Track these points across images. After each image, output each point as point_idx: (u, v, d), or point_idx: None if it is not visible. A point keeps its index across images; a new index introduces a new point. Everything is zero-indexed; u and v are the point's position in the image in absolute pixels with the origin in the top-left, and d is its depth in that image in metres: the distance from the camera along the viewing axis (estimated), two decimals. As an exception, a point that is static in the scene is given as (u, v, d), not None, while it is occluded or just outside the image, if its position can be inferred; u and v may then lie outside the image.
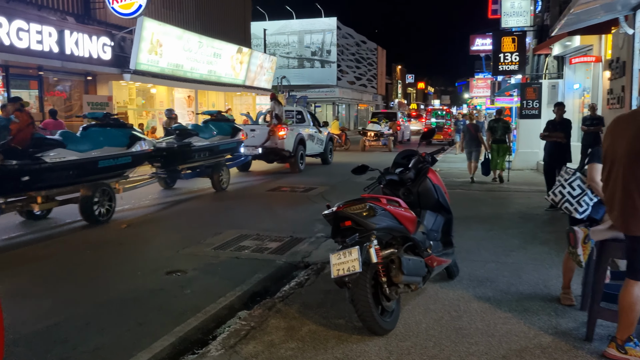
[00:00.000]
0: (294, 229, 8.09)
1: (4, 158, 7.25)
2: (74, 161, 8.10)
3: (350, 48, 51.30)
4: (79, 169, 8.24)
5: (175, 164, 11.17)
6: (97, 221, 8.44)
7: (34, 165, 7.51)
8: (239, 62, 25.12)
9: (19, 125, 7.55)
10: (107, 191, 8.70)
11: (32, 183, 7.62)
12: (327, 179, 14.25)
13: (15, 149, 7.37)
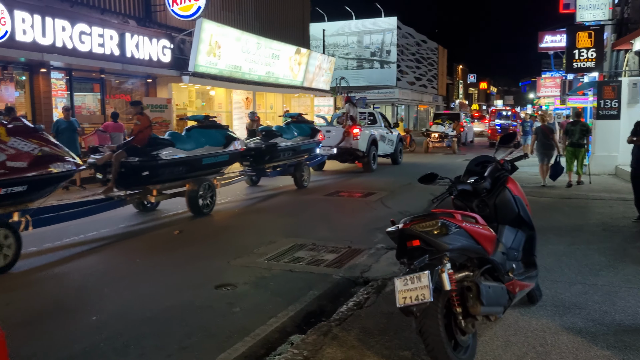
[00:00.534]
0: (352, 238, 7.57)
1: (127, 155, 8.31)
2: (183, 158, 9.13)
3: (411, 48, 50.23)
4: (187, 166, 9.25)
5: (262, 162, 12.03)
6: (202, 213, 9.26)
7: (152, 162, 8.55)
8: (297, 63, 24.83)
9: (140, 126, 8.66)
10: (210, 186, 9.55)
11: (150, 177, 8.63)
12: (396, 179, 14.18)
13: (135, 147, 8.49)
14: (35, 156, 6.46)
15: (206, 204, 9.42)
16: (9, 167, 6.14)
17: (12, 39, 12.17)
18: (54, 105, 14.23)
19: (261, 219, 9.29)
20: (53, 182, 6.83)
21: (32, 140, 6.56)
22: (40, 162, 6.50)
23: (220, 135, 10.11)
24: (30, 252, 6.87)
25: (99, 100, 16.45)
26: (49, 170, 6.61)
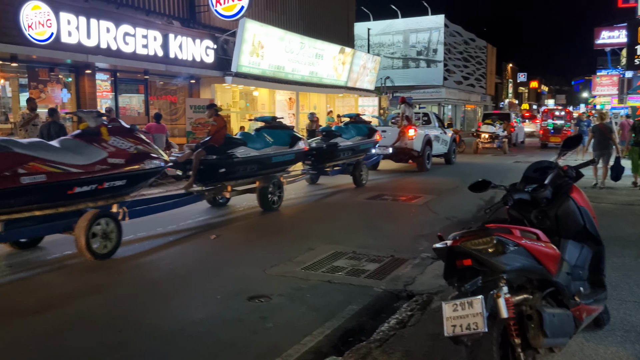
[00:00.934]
0: (395, 246, 7.14)
1: (206, 154, 8.96)
2: (256, 157, 9.67)
3: (458, 46, 49.01)
4: (259, 164, 9.77)
5: (323, 162, 12.43)
6: (271, 208, 9.74)
7: (228, 159, 9.15)
8: (341, 63, 24.45)
9: (216, 127, 9.35)
10: (278, 183, 10.01)
11: (226, 174, 9.21)
12: (447, 181, 14.09)
13: (213, 146, 9.13)
14: (131, 154, 7.09)
15: (274, 200, 9.90)
16: (110, 163, 6.77)
17: (57, 40, 12.29)
18: (98, 106, 14.33)
19: (302, 223, 8.97)
20: (146, 177, 7.44)
21: (128, 139, 7.18)
22: (136, 159, 7.11)
23: (286, 135, 10.59)
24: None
25: (143, 102, 16.53)
26: (142, 166, 7.21)
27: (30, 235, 6.79)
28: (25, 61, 12.65)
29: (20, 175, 5.82)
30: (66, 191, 6.36)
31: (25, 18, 11.69)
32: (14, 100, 13.51)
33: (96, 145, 6.76)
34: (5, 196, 5.77)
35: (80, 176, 6.42)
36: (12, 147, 5.97)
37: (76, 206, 6.66)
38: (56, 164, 6.20)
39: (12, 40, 11.51)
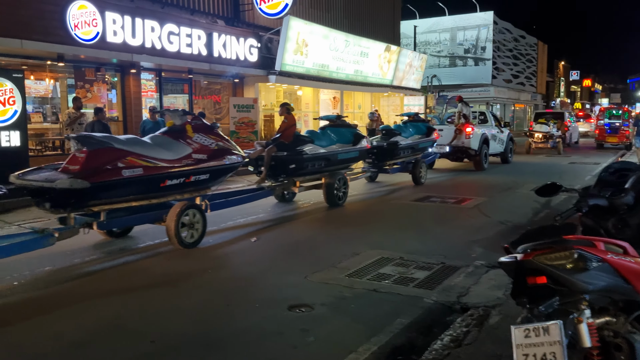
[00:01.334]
0: (446, 252, 6.68)
1: (277, 150, 9.33)
2: (324, 154, 9.99)
3: (508, 44, 47.60)
4: (326, 160, 10.08)
5: (384, 160, 12.56)
6: (336, 204, 9.98)
7: (298, 156, 9.46)
8: (387, 61, 23.94)
9: (287, 124, 9.73)
10: (343, 179, 10.27)
11: (296, 170, 9.53)
12: (502, 181, 13.76)
13: (283, 143, 9.49)
14: (212, 150, 7.48)
15: (339, 195, 10.12)
16: (194, 159, 7.17)
17: (103, 40, 12.32)
18: (143, 105, 14.36)
19: (347, 226, 8.59)
20: (226, 172, 7.82)
21: (210, 136, 7.60)
22: (217, 155, 7.50)
23: (349, 133, 10.87)
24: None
25: (187, 101, 16.51)
26: (223, 161, 7.58)
27: (127, 224, 7.30)
28: (72, 61, 12.75)
29: (121, 168, 6.27)
30: (159, 184, 6.80)
31: (71, 18, 11.76)
32: (63, 100, 13.67)
33: (182, 142, 7.21)
34: (109, 187, 6.24)
35: (170, 170, 6.84)
36: (112, 142, 6.46)
37: (166, 198, 7.12)
38: (149, 159, 6.65)
39: (58, 39, 11.60)
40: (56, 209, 6.15)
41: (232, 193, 9.00)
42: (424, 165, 13.48)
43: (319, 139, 10.16)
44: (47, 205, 6.08)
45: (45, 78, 13.14)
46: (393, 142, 12.45)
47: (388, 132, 12.89)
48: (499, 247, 6.98)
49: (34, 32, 11.11)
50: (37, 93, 13.27)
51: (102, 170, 6.13)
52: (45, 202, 6.07)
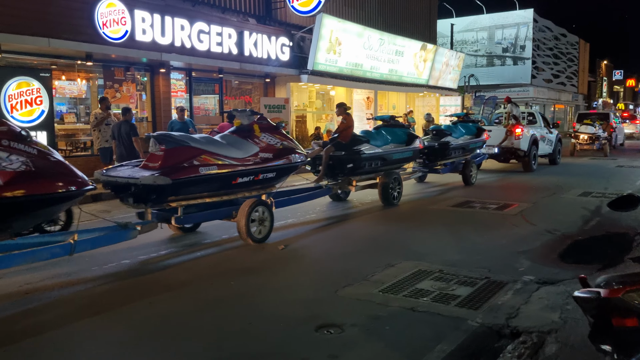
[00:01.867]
0: (490, 265, 6.09)
1: (335, 150, 9.50)
2: (380, 153, 10.09)
3: (548, 42, 46.07)
4: (382, 160, 10.15)
5: (435, 160, 12.58)
6: (392, 203, 10.09)
7: (355, 155, 9.57)
8: (423, 60, 23.23)
9: (345, 124, 9.82)
10: (398, 179, 10.37)
11: (354, 169, 9.65)
12: (551, 182, 13.47)
13: (340, 143, 9.65)
14: (278, 149, 7.68)
15: (394, 195, 10.22)
16: (261, 157, 7.40)
17: (132, 38, 12.08)
18: (173, 106, 14.10)
19: (381, 232, 8.07)
20: (290, 170, 8.00)
21: (275, 135, 7.80)
22: (282, 154, 7.70)
23: (403, 133, 11.00)
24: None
25: (218, 101, 16.21)
26: (287, 160, 7.76)
27: (201, 220, 7.60)
28: (101, 60, 12.56)
29: (198, 166, 6.54)
30: (231, 181, 7.05)
31: (100, 16, 11.54)
32: (93, 100, 13.51)
33: (250, 141, 7.45)
34: (188, 184, 6.49)
35: (241, 168, 7.08)
36: (188, 141, 6.73)
37: (235, 195, 7.37)
38: (222, 157, 6.91)
39: (87, 38, 11.39)
40: (138, 204, 6.42)
41: (294, 191, 9.16)
42: (474, 165, 13.45)
43: (374, 138, 10.26)
44: (130, 200, 6.36)
45: (77, 78, 12.99)
46: (444, 142, 12.48)
47: (439, 133, 12.90)
48: (547, 259, 6.40)
49: (62, 30, 10.92)
50: (71, 93, 13.15)
51: (181, 167, 6.40)
52: (128, 197, 6.35)
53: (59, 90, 12.90)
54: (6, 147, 4.91)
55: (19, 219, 5.13)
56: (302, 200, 8.94)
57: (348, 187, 9.99)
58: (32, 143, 5.19)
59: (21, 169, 4.91)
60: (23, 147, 5.05)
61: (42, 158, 5.17)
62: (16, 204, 4.88)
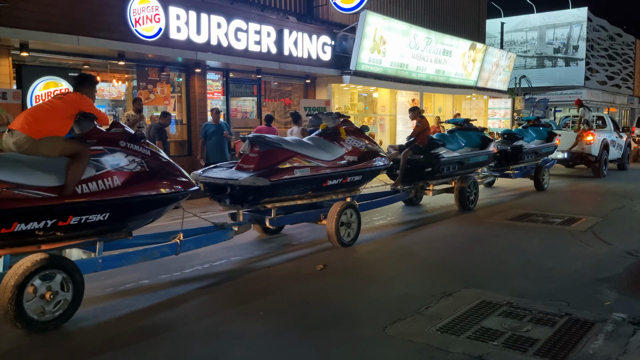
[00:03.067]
0: (567, 295, 5.10)
1: (413, 154, 9.41)
2: (458, 157, 10.02)
3: (602, 43, 43.82)
4: (459, 164, 10.11)
5: (507, 164, 12.38)
6: (468, 208, 9.94)
7: (434, 159, 9.52)
8: (472, 60, 22.01)
9: (421, 128, 9.69)
10: (474, 183, 10.23)
11: (432, 173, 9.56)
12: (622, 190, 12.95)
13: (418, 146, 9.55)
14: (363, 152, 7.66)
15: (471, 199, 10.08)
16: (347, 160, 7.41)
17: (165, 37, 11.46)
18: (208, 108, 13.45)
19: (436, 249, 7.14)
20: (375, 173, 8.00)
21: (360, 138, 7.78)
22: (367, 157, 7.69)
23: (477, 137, 10.89)
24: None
25: (256, 103, 15.53)
26: (373, 163, 7.75)
27: (291, 222, 7.45)
28: (134, 60, 11.98)
29: (292, 168, 6.62)
30: (322, 184, 7.10)
31: (132, 12, 10.98)
32: (128, 101, 13.01)
33: (336, 144, 7.45)
34: (284, 185, 6.54)
35: (330, 170, 7.11)
36: (282, 144, 6.78)
37: (324, 197, 7.41)
38: (312, 159, 6.95)
39: (119, 36, 10.82)
40: (234, 205, 6.51)
41: (374, 195, 9.08)
42: (546, 170, 13.23)
43: (449, 142, 10.18)
44: (227, 200, 6.44)
45: (111, 79, 12.50)
46: (517, 147, 12.29)
47: (510, 136, 12.66)
48: (636, 289, 5.35)
49: (92, 28, 10.37)
50: (110, 95, 12.69)
51: (276, 169, 6.47)
52: (225, 197, 6.41)
53: (97, 93, 12.43)
54: (123, 148, 5.01)
55: (135, 219, 5.18)
56: (382, 204, 8.93)
57: (424, 191, 9.91)
58: (146, 144, 5.25)
59: (137, 170, 5.01)
60: (138, 148, 5.13)
61: (155, 159, 5.24)
62: (134, 204, 4.96)
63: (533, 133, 13.42)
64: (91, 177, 4.64)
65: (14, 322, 4.09)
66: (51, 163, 4.51)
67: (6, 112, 9.00)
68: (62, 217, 4.43)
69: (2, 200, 4.10)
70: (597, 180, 15.22)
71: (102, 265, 4.91)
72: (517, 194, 12.50)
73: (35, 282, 4.18)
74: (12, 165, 4.32)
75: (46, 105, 4.74)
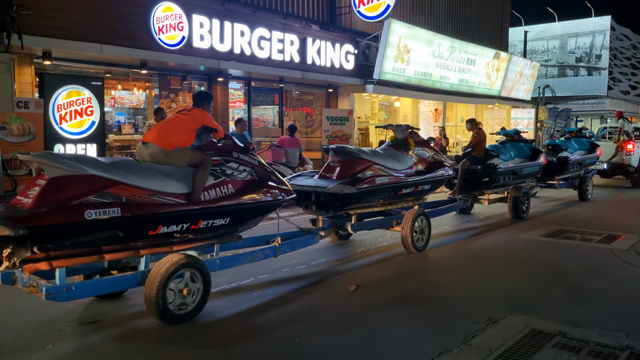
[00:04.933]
0: (623, 325, 4.73)
1: (471, 164, 9.67)
2: (513, 168, 10.34)
3: (626, 52, 43.11)
4: (514, 174, 10.36)
5: (552, 175, 12.46)
6: (521, 217, 10.24)
7: (491, 169, 9.81)
8: (495, 70, 21.64)
9: (478, 139, 9.97)
10: (526, 193, 10.52)
11: (489, 183, 9.84)
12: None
13: (475, 157, 9.83)
14: (429, 162, 8.07)
15: (523, 209, 10.36)
16: (416, 170, 7.78)
17: (189, 45, 11.34)
18: (230, 117, 13.26)
19: (477, 266, 6.79)
20: (440, 183, 8.35)
21: (426, 148, 8.18)
22: (433, 167, 8.04)
23: (527, 148, 11.24)
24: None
25: (277, 112, 15.30)
26: (439, 173, 8.02)
27: (368, 228, 7.70)
28: (156, 68, 11.83)
29: (373, 177, 6.92)
30: (397, 192, 7.38)
31: (156, 21, 10.82)
32: (149, 110, 12.87)
33: (406, 154, 7.84)
34: (367, 193, 6.79)
35: (402, 180, 7.41)
36: (360, 154, 7.11)
37: (396, 205, 7.71)
38: (387, 169, 7.31)
39: (142, 44, 10.68)
40: (320, 211, 6.76)
41: (436, 203, 9.33)
42: (590, 181, 13.47)
43: (502, 152, 10.52)
44: (314, 207, 6.73)
45: (133, 87, 12.37)
46: (563, 158, 12.46)
47: (554, 148, 12.95)
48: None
49: (115, 36, 10.24)
50: (130, 103, 12.57)
51: (359, 178, 6.79)
52: (312, 204, 6.71)
53: (118, 101, 12.32)
54: (236, 158, 5.37)
55: (246, 223, 5.50)
56: (444, 212, 9.21)
57: (480, 201, 10.22)
58: (253, 155, 5.60)
59: (247, 179, 5.39)
60: (248, 158, 5.49)
61: (262, 168, 5.61)
62: (248, 210, 5.34)
63: (576, 144, 13.57)
64: (211, 185, 5.08)
65: (160, 316, 4.51)
66: (178, 172, 4.93)
67: (28, 121, 8.85)
68: (195, 221, 4.85)
69: (149, 205, 4.51)
70: (636, 190, 15.40)
71: (220, 265, 5.33)
72: (563, 203, 12.64)
73: (175, 280, 4.60)
74: (150, 174, 4.72)
75: (174, 120, 5.18)
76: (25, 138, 8.87)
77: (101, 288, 4.63)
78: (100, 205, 4.19)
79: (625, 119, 16.72)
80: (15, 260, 3.82)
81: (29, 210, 3.98)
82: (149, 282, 4.50)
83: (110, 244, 4.33)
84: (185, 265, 4.67)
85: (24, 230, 3.71)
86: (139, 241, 4.59)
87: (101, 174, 4.34)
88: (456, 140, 22.68)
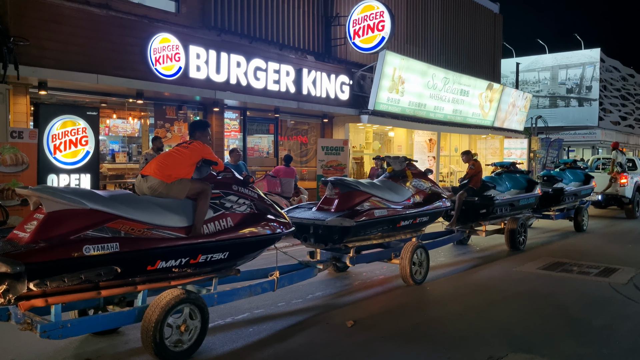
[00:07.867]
0: (628, 364, 4.64)
1: (468, 195, 9.66)
2: (510, 199, 10.36)
3: (615, 83, 43.78)
4: (511, 206, 10.35)
5: (548, 206, 12.53)
6: (518, 249, 10.24)
7: (489, 201, 9.80)
8: (489, 101, 21.84)
9: (474, 170, 10.00)
10: (523, 224, 10.52)
11: (486, 215, 9.84)
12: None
13: (472, 188, 9.85)
14: (427, 193, 8.09)
15: (520, 240, 10.35)
16: (414, 202, 7.77)
17: (185, 75, 11.36)
18: (225, 147, 13.24)
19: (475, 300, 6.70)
20: (439, 215, 8.43)
21: (423, 180, 8.22)
22: (431, 199, 8.04)
23: (523, 179, 11.30)
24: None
25: (272, 142, 15.31)
26: (437, 204, 8.06)
27: (367, 260, 7.58)
28: (152, 98, 11.83)
29: (372, 209, 6.91)
30: (396, 224, 7.33)
31: (153, 51, 10.86)
32: (144, 139, 12.84)
33: (404, 186, 7.87)
34: (367, 226, 6.77)
35: (401, 212, 7.38)
36: (359, 186, 7.07)
37: (395, 237, 7.65)
38: (385, 201, 7.27)
39: (138, 75, 10.69)
40: (319, 244, 6.69)
41: (433, 234, 9.35)
42: (586, 212, 13.51)
43: (498, 184, 10.60)
44: (312, 239, 6.66)
45: (128, 117, 12.35)
46: (559, 189, 12.54)
47: (550, 179, 12.99)
48: None
49: (112, 66, 10.25)
50: (124, 132, 12.53)
51: (357, 210, 6.74)
52: (310, 237, 6.63)
53: (112, 129, 12.27)
54: (236, 191, 5.33)
55: (243, 258, 5.42)
56: (442, 244, 9.16)
57: (477, 232, 10.20)
58: (252, 187, 5.57)
59: (247, 212, 5.33)
60: (247, 191, 5.45)
61: (261, 201, 5.55)
62: (247, 243, 5.25)
63: (570, 175, 13.79)
64: (210, 218, 5.01)
65: (155, 350, 4.38)
66: (178, 205, 4.87)
67: (22, 151, 8.78)
68: (194, 255, 4.77)
69: (148, 240, 4.42)
70: (630, 221, 15.60)
71: (218, 300, 5.21)
72: (559, 234, 12.72)
73: (174, 315, 4.53)
74: (149, 207, 4.65)
75: (175, 153, 5.14)
76: (19, 168, 8.77)
77: (98, 325, 4.54)
78: (99, 240, 4.13)
79: (618, 150, 16.92)
80: (10, 297, 3.72)
81: (26, 245, 3.89)
82: (148, 314, 4.41)
83: (108, 280, 4.26)
84: (186, 300, 4.60)
85: (20, 267, 3.63)
86: (137, 276, 4.51)
87: (100, 207, 4.29)
88: (450, 169, 22.76)
